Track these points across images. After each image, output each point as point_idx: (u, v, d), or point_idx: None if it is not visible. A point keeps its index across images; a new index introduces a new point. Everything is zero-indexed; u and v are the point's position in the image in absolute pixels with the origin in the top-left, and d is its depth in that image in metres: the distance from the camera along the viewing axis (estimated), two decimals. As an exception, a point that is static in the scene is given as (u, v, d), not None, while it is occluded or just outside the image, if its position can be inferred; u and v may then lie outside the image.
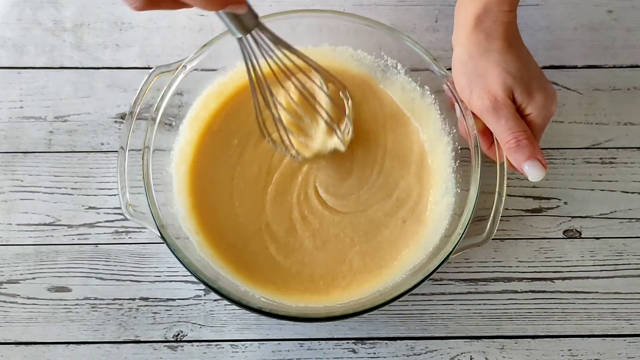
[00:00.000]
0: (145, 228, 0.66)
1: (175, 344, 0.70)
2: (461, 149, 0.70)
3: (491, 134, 0.67)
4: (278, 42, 0.62)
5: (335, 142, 0.71)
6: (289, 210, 0.71)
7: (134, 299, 0.71)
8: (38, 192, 0.75)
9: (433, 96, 0.73)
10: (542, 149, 0.77)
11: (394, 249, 0.70)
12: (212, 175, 0.72)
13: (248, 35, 0.58)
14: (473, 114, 0.67)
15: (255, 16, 0.58)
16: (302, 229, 0.70)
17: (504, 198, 0.65)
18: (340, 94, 0.71)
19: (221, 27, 0.81)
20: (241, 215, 0.71)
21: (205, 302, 0.71)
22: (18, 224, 0.74)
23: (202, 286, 0.71)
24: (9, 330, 0.70)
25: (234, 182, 0.72)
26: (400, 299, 0.61)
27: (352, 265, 0.69)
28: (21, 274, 0.72)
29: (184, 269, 0.62)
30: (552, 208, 0.75)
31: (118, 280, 0.72)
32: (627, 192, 0.76)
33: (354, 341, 0.70)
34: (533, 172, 0.64)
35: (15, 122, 0.78)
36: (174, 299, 0.71)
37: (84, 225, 0.74)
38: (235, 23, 0.57)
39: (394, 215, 0.71)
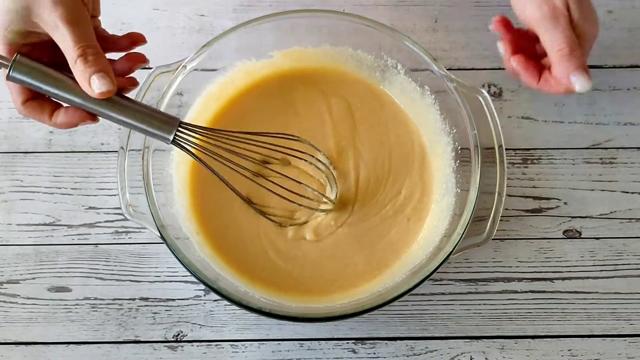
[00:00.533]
0: (145, 228, 0.66)
1: (175, 344, 0.70)
2: (461, 149, 0.70)
3: (537, 68, 0.68)
4: (212, 131, 0.64)
5: (322, 208, 0.70)
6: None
7: (133, 299, 0.71)
8: (38, 192, 0.75)
9: (433, 96, 0.73)
10: (541, 149, 0.77)
11: (398, 249, 0.70)
12: (212, 176, 0.71)
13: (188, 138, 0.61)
14: (514, 35, 0.69)
15: (174, 119, 0.61)
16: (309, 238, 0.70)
17: (504, 198, 0.65)
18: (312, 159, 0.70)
19: (221, 27, 0.81)
20: (241, 216, 0.70)
21: (205, 302, 0.71)
22: (18, 224, 0.74)
23: (202, 286, 0.71)
24: (9, 330, 0.70)
25: (235, 183, 0.72)
26: (400, 299, 0.61)
27: (357, 268, 0.69)
28: (21, 274, 0.72)
29: (184, 269, 0.62)
30: (552, 208, 0.75)
31: (118, 280, 0.72)
32: (627, 192, 0.76)
33: (354, 341, 0.70)
34: (581, 81, 0.65)
35: (16, 122, 0.78)
36: (173, 299, 0.71)
37: (84, 225, 0.74)
38: (154, 133, 0.60)
39: (401, 213, 0.71)
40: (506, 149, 0.69)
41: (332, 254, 0.69)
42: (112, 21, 0.83)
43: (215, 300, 0.71)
